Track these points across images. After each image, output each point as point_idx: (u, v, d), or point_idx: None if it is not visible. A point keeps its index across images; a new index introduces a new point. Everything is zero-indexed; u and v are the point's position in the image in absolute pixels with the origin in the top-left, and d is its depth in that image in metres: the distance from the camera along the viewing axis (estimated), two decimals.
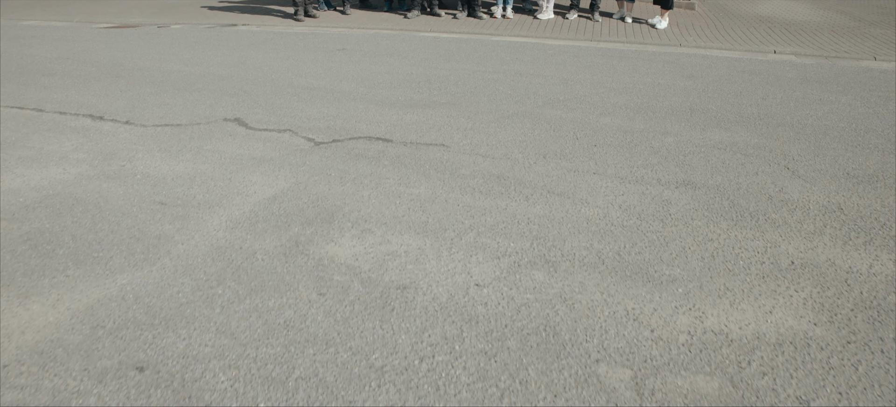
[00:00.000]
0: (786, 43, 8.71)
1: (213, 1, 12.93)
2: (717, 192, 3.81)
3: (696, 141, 4.69)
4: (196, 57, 7.67)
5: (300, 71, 6.82)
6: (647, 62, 7.38)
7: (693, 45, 8.55)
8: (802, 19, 10.51)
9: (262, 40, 8.78)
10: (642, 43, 8.64)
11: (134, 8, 12.47)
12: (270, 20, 10.50)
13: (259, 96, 5.82)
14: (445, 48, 8.05)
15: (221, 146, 4.55)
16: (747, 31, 9.47)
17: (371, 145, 4.51)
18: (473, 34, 9.12)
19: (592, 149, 4.46)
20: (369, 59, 7.43)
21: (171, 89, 6.14)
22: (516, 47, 8.16)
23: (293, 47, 8.20)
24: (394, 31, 9.47)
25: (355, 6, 11.17)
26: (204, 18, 11.00)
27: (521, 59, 7.42)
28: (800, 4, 12.01)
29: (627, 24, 9.66)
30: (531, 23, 9.75)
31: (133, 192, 3.80)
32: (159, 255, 3.07)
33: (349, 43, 8.49)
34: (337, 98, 5.73)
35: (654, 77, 6.65)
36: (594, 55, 7.72)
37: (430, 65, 7.08)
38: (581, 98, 5.76)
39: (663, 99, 5.80)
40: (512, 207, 3.55)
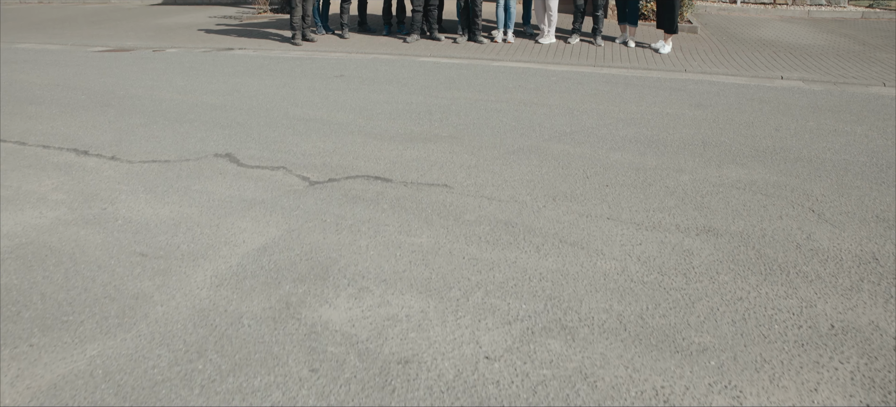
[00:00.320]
0: (792, 68, 8.44)
1: (210, 24, 12.67)
2: (740, 240, 3.50)
3: (712, 179, 4.38)
4: (189, 84, 7.37)
5: (296, 100, 6.52)
6: (654, 90, 7.09)
7: (698, 70, 8.27)
8: (806, 43, 10.26)
9: (258, 66, 8.49)
10: (646, 68, 8.36)
11: (130, 31, 12.20)
12: (267, 44, 10.22)
13: (252, 128, 5.51)
14: (446, 75, 7.76)
15: (210, 186, 4.23)
16: (752, 55, 9.21)
17: (369, 185, 4.19)
18: (474, 59, 8.84)
19: (604, 189, 4.15)
20: (368, 86, 7.14)
21: (161, 120, 5.83)
22: (518, 73, 7.87)
23: (290, 74, 7.91)
24: (393, 55, 9.19)
25: (354, 30, 10.90)
26: (200, 42, 10.72)
27: (524, 86, 7.13)
28: (802, 28, 11.77)
29: (630, 49, 9.39)
30: (533, 47, 9.48)
31: (112, 240, 3.48)
32: (136, 319, 2.75)
33: (347, 69, 8.20)
34: (334, 131, 5.42)
35: (661, 106, 6.36)
36: (598, 82, 7.43)
37: (431, 93, 6.79)
38: (588, 130, 5.46)
39: (673, 130, 5.51)
40: (522, 261, 3.23)
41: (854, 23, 12.52)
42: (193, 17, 13.74)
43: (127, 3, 16.80)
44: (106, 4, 16.85)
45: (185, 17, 13.83)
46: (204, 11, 14.78)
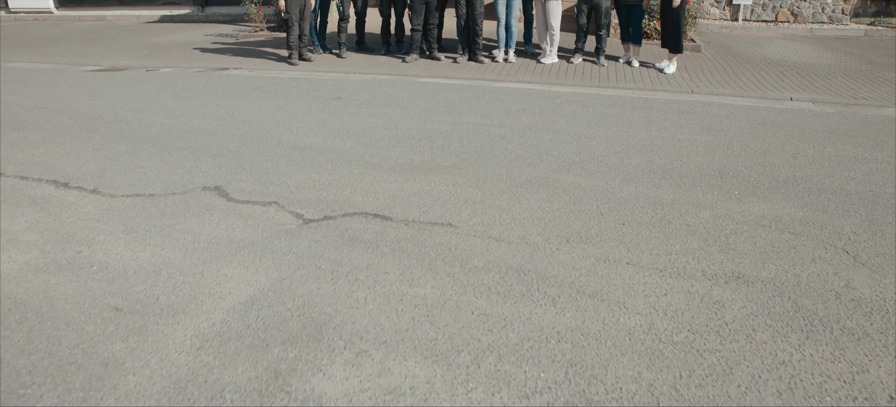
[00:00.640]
0: (801, 89, 8.13)
1: (206, 42, 12.35)
2: (774, 288, 3.16)
3: (734, 215, 4.04)
4: (181, 107, 7.03)
5: (291, 125, 6.18)
6: (662, 113, 6.77)
7: (705, 91, 7.96)
8: (812, 62, 9.96)
9: (253, 87, 8.15)
10: (652, 89, 8.05)
11: (125, 49, 11.87)
12: (264, 64, 9.89)
13: (244, 157, 5.17)
14: (446, 97, 7.43)
15: (197, 225, 3.88)
16: (758, 75, 8.91)
17: (368, 224, 3.84)
18: (475, 80, 8.52)
19: (621, 228, 3.81)
20: (366, 109, 6.80)
21: (148, 148, 5.49)
22: (521, 95, 7.55)
23: (286, 96, 7.58)
24: (392, 76, 8.86)
25: (352, 49, 10.58)
26: (195, 61, 10.40)
27: (528, 109, 6.80)
28: (806, 46, 11.49)
29: (634, 69, 9.08)
30: (534, 67, 9.16)
31: (85, 290, 3.12)
32: (103, 391, 2.39)
33: (345, 90, 7.87)
34: (330, 160, 5.08)
35: (672, 131, 6.03)
36: (604, 105, 7.11)
37: (431, 117, 6.46)
38: (598, 159, 5.12)
39: (687, 159, 5.18)
40: (537, 316, 2.88)
41: (857, 41, 12.25)
42: (189, 35, 13.43)
43: (123, 21, 16.49)
44: (101, 22, 16.54)
45: (181, 35, 13.52)
46: (200, 29, 14.48)
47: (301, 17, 9.59)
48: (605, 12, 9.03)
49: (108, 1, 17.33)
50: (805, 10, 13.24)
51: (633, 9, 9.07)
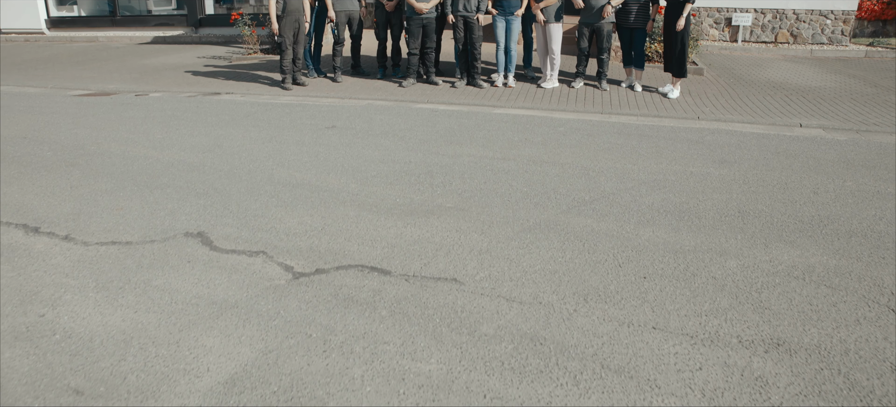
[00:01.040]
0: (809, 114, 7.80)
1: (198, 65, 11.96)
2: (820, 359, 2.77)
3: (763, 265, 3.67)
4: (168, 137, 6.64)
5: (283, 158, 5.79)
6: (670, 142, 6.41)
7: (712, 117, 7.62)
8: (816, 85, 9.64)
9: (245, 114, 7.77)
10: (657, 116, 7.69)
11: (115, 72, 11.47)
12: (256, 88, 9.51)
13: (231, 197, 4.77)
14: (445, 125, 7.06)
15: (176, 280, 3.48)
16: (764, 99, 8.57)
17: (364, 280, 3.45)
18: (474, 106, 8.16)
19: (642, 283, 3.43)
20: (362, 140, 6.42)
21: (130, 185, 5.09)
22: (523, 123, 7.18)
23: (278, 124, 7.19)
24: (388, 101, 8.49)
25: (347, 73, 10.21)
26: (186, 85, 10.01)
27: (531, 139, 6.43)
28: (808, 68, 11.18)
29: (637, 94, 8.74)
30: (535, 92, 8.81)
31: (43, 367, 2.71)
32: None
33: (340, 118, 7.49)
34: (323, 200, 4.69)
35: (683, 163, 5.67)
36: (610, 133, 6.75)
37: (431, 148, 6.08)
38: (609, 197, 4.75)
39: (703, 196, 4.80)
40: (559, 398, 2.49)
41: (858, 62, 11.96)
42: (181, 58, 13.05)
43: (115, 42, 16.11)
44: (93, 43, 16.15)
45: (173, 58, 13.14)
46: (193, 51, 14.10)
47: (295, 41, 9.22)
48: (606, 36, 8.69)
49: (100, 22, 16.96)
50: (804, 32, 12.96)
51: (636, 32, 8.74)
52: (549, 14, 8.67)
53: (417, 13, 8.82)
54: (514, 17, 8.76)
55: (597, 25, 8.65)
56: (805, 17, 12.88)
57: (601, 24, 8.62)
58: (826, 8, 12.79)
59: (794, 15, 12.91)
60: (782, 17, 12.95)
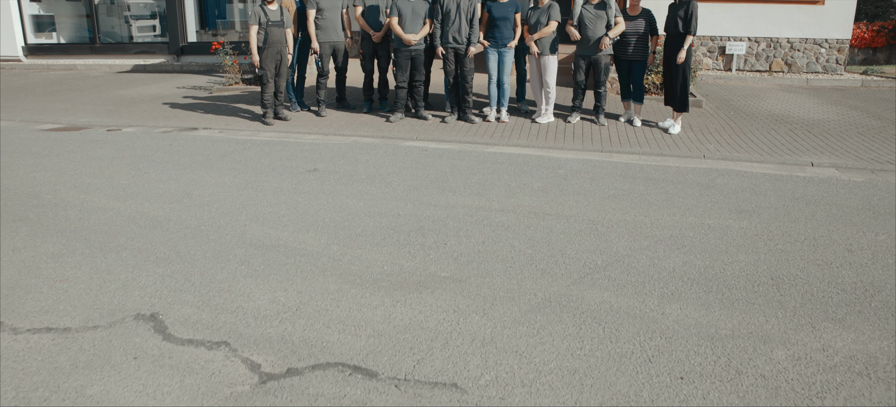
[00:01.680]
0: (818, 151, 7.27)
1: (177, 96, 11.29)
2: None
3: (816, 357, 3.05)
4: (135, 183, 5.96)
5: (258, 210, 5.13)
6: (679, 187, 5.82)
7: (718, 156, 7.05)
8: (819, 118, 9.13)
9: (221, 154, 7.10)
10: (661, 154, 7.11)
11: (89, 104, 10.76)
12: (236, 123, 8.84)
13: (195, 264, 4.10)
14: (436, 167, 6.43)
15: (115, 387, 2.80)
16: (768, 134, 8.03)
17: (345, 386, 2.79)
18: (466, 143, 7.54)
19: (680, 387, 2.79)
20: (346, 186, 5.78)
21: (82, 247, 4.40)
22: (519, 164, 6.57)
23: (256, 167, 6.53)
24: (375, 138, 7.86)
25: (332, 106, 9.57)
26: (162, 119, 9.33)
27: (530, 184, 5.82)
28: (806, 99, 10.69)
29: (636, 129, 8.17)
30: (530, 128, 8.21)
31: None
32: None
33: (323, 158, 6.85)
34: (300, 268, 4.02)
35: (698, 213, 5.07)
36: (613, 176, 6.15)
37: (421, 197, 5.44)
38: (624, 261, 4.13)
39: (728, 257, 4.20)
40: None
41: (856, 92, 11.50)
42: (160, 88, 12.36)
43: (93, 71, 15.39)
44: (71, 71, 15.42)
45: (152, 88, 12.45)
46: (173, 80, 13.42)
47: (277, 73, 8.59)
48: (604, 69, 8.13)
49: (79, 50, 16.23)
50: (799, 60, 12.51)
51: (635, 65, 8.19)
52: (543, 46, 8.11)
53: (405, 45, 8.22)
54: (506, 49, 8.19)
55: (594, 58, 8.09)
56: (799, 46, 12.43)
57: (599, 57, 8.06)
58: (820, 37, 12.36)
59: (788, 44, 12.47)
60: (776, 45, 12.49)
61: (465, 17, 8.03)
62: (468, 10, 8.02)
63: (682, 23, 7.66)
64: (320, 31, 8.76)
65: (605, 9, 7.94)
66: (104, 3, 16.77)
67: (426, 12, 8.24)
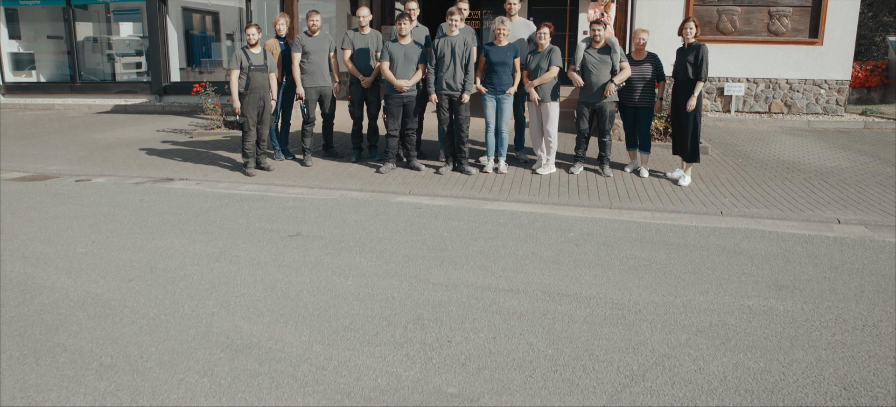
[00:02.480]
0: (840, 205, 6.62)
1: (155, 140, 10.49)
2: None
3: None
4: (93, 251, 5.15)
5: (230, 292, 4.34)
6: (703, 253, 5.12)
7: (736, 212, 6.37)
8: (831, 165, 8.50)
9: (195, 212, 6.31)
10: (675, 210, 6.41)
11: (61, 149, 9.93)
12: (215, 173, 8.06)
13: (147, 375, 3.29)
14: (433, 231, 5.68)
15: None
16: (783, 185, 7.38)
17: None
18: (464, 199, 6.81)
19: None
20: (332, 257, 5.00)
21: (13, 346, 3.58)
22: (524, 226, 5.84)
23: (232, 230, 5.74)
24: (364, 192, 7.11)
25: (318, 153, 8.82)
26: (137, 167, 8.52)
27: (539, 253, 5.08)
28: (812, 143, 10.09)
29: (644, 180, 7.48)
30: (530, 180, 7.50)
31: None
32: None
33: (307, 218, 6.08)
34: (275, 380, 3.23)
35: (733, 291, 4.36)
36: (629, 240, 5.44)
37: (418, 272, 4.69)
38: (663, 363, 3.38)
39: (783, 355, 3.48)
40: None
41: (859, 134, 10.93)
42: (139, 131, 11.57)
43: (72, 111, 14.56)
44: (48, 111, 14.58)
45: (130, 131, 11.65)
46: (154, 122, 12.63)
47: (259, 121, 7.84)
48: (609, 116, 7.45)
49: (58, 89, 15.42)
50: (799, 101, 11.96)
51: (641, 112, 7.53)
52: (544, 92, 7.43)
53: (397, 91, 7.51)
54: (505, 96, 7.50)
55: (598, 105, 7.42)
56: (798, 86, 11.89)
57: (603, 104, 7.39)
58: (820, 78, 11.83)
59: (787, 85, 11.92)
60: (775, 86, 11.94)
61: (461, 62, 7.35)
62: (463, 55, 7.34)
63: (692, 68, 7.02)
64: (306, 76, 8.04)
65: (609, 53, 7.29)
66: (88, 39, 16.02)
67: (419, 57, 7.55)
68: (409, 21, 7.52)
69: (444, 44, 7.37)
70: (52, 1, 15.26)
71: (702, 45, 7.01)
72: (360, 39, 8.04)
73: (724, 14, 11.81)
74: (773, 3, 11.67)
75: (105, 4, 15.59)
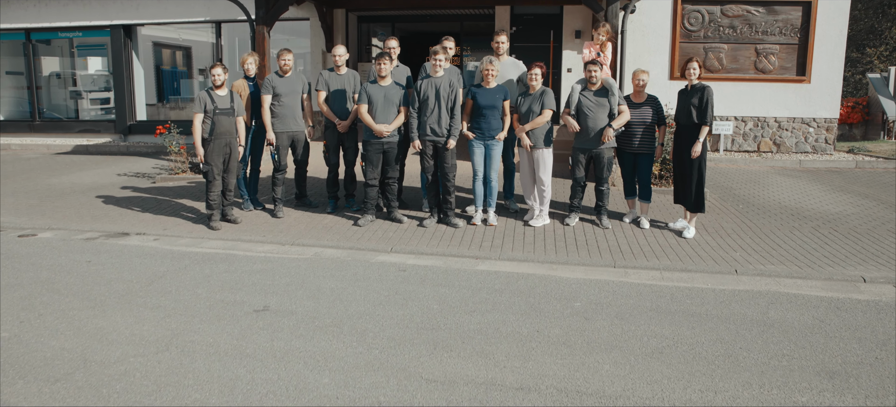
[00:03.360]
0: (859, 259, 6.02)
1: (115, 186, 9.56)
2: None
3: None
4: (19, 335, 4.25)
5: (177, 396, 3.47)
6: (730, 326, 4.40)
7: (751, 270, 5.69)
8: (835, 210, 7.91)
9: (150, 278, 5.43)
10: (685, 269, 5.71)
11: (11, 196, 8.95)
12: (176, 226, 7.18)
13: None
14: (420, 303, 4.89)
15: None
16: (793, 235, 6.74)
17: None
18: (452, 257, 6.04)
19: None
20: (304, 341, 4.17)
21: None
22: (523, 292, 5.09)
23: (189, 302, 4.88)
24: (341, 249, 6.30)
25: (290, 203, 7.97)
26: (90, 219, 7.60)
27: (545, 331, 4.32)
28: (808, 184, 9.53)
29: (646, 232, 6.78)
30: (523, 233, 6.75)
31: None
32: None
33: (276, 285, 5.24)
34: None
35: (778, 384, 3.64)
36: (645, 311, 4.71)
37: (406, 362, 3.88)
38: None
39: None
40: None
41: (853, 174, 10.43)
42: (98, 175, 10.61)
43: (29, 151, 13.52)
44: (4, 152, 13.51)
45: (89, 174, 10.69)
46: (116, 164, 11.68)
47: (225, 169, 7.01)
48: (607, 163, 6.76)
49: (17, 127, 14.37)
50: (787, 140, 11.46)
51: (640, 158, 6.86)
52: (536, 138, 6.72)
53: (377, 136, 6.74)
54: (494, 142, 6.78)
55: (595, 151, 6.72)
56: (787, 125, 11.40)
57: (601, 150, 6.71)
58: (808, 116, 11.37)
59: (775, 123, 11.43)
60: (764, 125, 11.44)
61: (446, 105, 6.62)
62: (449, 97, 6.62)
63: (696, 112, 6.39)
64: (277, 120, 7.24)
65: (607, 95, 6.62)
66: (52, 75, 15.02)
67: (401, 99, 6.80)
68: (389, 60, 6.79)
69: (427, 85, 6.64)
70: (11, 35, 14.27)
71: (707, 87, 6.39)
72: (335, 80, 7.27)
73: (710, 51, 11.32)
74: (760, 41, 11.22)
75: (69, 39, 14.65)
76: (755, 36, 11.19)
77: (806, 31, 11.05)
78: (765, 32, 11.19)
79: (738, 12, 11.15)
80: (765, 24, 11.15)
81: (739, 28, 11.22)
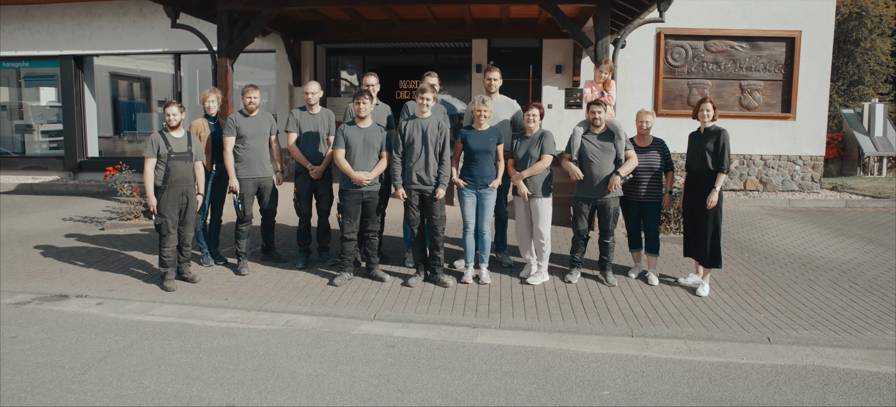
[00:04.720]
0: (890, 319, 5.29)
1: (59, 234, 8.39)
2: None
3: None
4: None
5: None
6: None
7: (787, 338, 4.96)
8: (844, 258, 7.28)
9: (85, 362, 4.39)
10: (711, 337, 4.92)
11: None
12: (124, 285, 6.12)
13: None
14: (420, 396, 4.02)
15: None
16: (812, 290, 6.07)
17: None
18: (444, 326, 5.14)
19: None
20: None
21: None
22: (538, 377, 4.23)
23: (134, 396, 3.86)
24: (316, 316, 5.34)
25: (256, 257, 6.95)
26: (24, 277, 6.47)
27: None
28: (804, 226, 8.94)
29: (656, 288, 6.00)
30: (521, 292, 5.89)
31: None
32: None
33: (240, 372, 4.26)
34: None
35: None
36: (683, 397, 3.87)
37: None
38: None
39: None
40: None
41: (845, 215, 9.90)
42: (41, 219, 9.40)
43: None
44: None
45: (30, 219, 9.46)
46: (62, 206, 10.46)
47: (181, 221, 6.00)
48: (613, 214, 5.97)
49: None
50: (774, 178, 10.93)
51: (647, 207, 6.10)
52: (535, 186, 5.90)
53: (356, 185, 5.83)
54: (487, 190, 5.93)
55: (600, 201, 5.93)
56: (773, 163, 10.88)
57: (606, 200, 5.92)
58: (794, 153, 10.86)
59: (761, 160, 10.89)
60: (749, 163, 10.89)
61: (434, 150, 5.76)
62: (437, 141, 5.76)
63: (711, 157, 5.66)
64: (241, 165, 6.27)
65: (612, 139, 5.86)
66: None
67: (382, 143, 5.91)
68: (369, 99, 5.90)
69: (413, 127, 5.78)
70: None
71: (723, 130, 5.67)
72: (308, 120, 6.36)
73: (694, 87, 10.76)
74: (745, 77, 10.71)
75: (16, 70, 13.38)
76: (739, 72, 10.68)
77: (790, 67, 10.59)
78: (749, 68, 10.69)
79: (721, 48, 10.64)
80: (749, 59, 10.66)
81: (723, 64, 10.70)
